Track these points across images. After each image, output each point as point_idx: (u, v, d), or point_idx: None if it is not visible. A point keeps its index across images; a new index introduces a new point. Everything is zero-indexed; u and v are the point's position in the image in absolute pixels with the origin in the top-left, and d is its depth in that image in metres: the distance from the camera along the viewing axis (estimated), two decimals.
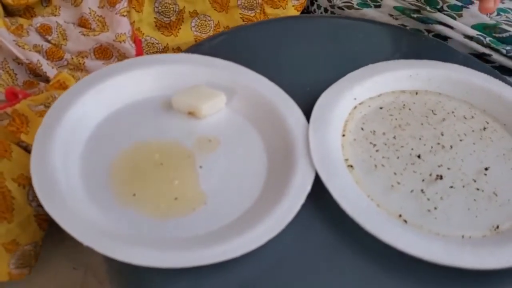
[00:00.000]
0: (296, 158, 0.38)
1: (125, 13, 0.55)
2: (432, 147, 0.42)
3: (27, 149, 0.46)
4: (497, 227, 0.37)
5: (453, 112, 0.46)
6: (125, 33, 0.55)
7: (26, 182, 0.47)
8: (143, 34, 0.59)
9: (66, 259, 0.58)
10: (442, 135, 0.43)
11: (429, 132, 0.44)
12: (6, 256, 0.45)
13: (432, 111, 0.46)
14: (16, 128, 0.46)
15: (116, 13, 0.55)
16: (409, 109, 0.46)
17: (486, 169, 0.41)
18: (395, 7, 0.62)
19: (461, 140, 0.43)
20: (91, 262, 0.58)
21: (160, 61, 0.45)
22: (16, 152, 0.45)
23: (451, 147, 0.42)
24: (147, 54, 0.59)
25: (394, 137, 0.43)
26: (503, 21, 0.60)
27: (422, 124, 0.44)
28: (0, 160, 0.44)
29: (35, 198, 0.47)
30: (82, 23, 0.56)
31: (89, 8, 0.56)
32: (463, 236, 0.36)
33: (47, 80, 0.53)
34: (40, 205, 0.48)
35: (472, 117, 0.45)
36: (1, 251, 0.45)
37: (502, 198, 0.39)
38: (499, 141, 0.43)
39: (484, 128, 0.44)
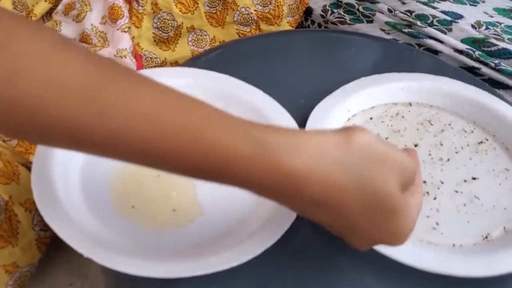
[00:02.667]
0: None
1: (126, 29, 0.56)
2: (431, 157, 0.43)
3: None
4: (487, 235, 0.38)
5: (449, 124, 0.47)
6: (126, 48, 0.56)
7: (32, 207, 0.47)
8: (142, 49, 0.61)
9: (63, 271, 0.58)
10: (442, 144, 0.44)
11: (429, 139, 0.45)
12: (5, 278, 0.45)
13: (429, 121, 0.47)
14: (25, 149, 0.46)
15: (117, 29, 0.56)
16: (405, 118, 0.47)
17: (473, 178, 0.42)
18: (386, 22, 0.64)
19: (457, 153, 0.44)
20: (88, 274, 0.58)
21: (157, 75, 0.45)
22: (24, 176, 0.46)
23: (448, 160, 0.43)
24: (146, 68, 0.60)
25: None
26: (491, 35, 0.61)
27: (418, 129, 0.46)
28: (9, 183, 0.45)
29: (39, 222, 0.48)
30: (84, 39, 0.57)
31: (91, 24, 0.57)
32: (454, 245, 0.36)
33: None
34: (42, 230, 0.49)
35: (472, 131, 0.46)
36: (1, 273, 0.45)
37: (488, 206, 0.40)
38: (494, 158, 0.44)
39: (480, 142, 0.45)
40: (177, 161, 0.24)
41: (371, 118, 0.46)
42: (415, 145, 0.44)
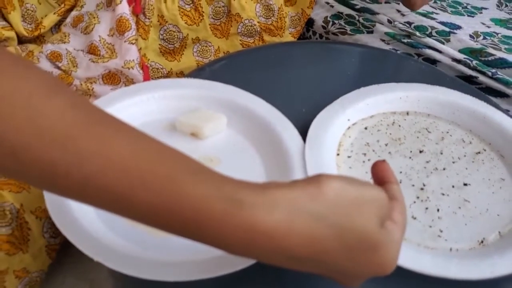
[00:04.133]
0: (293, 177, 0.40)
1: (133, 41, 0.58)
2: (428, 165, 0.44)
3: None
4: (483, 240, 0.39)
5: (448, 132, 0.48)
6: (133, 60, 0.58)
7: (42, 215, 0.48)
8: (149, 59, 0.62)
9: (71, 276, 0.59)
10: (441, 153, 0.46)
11: (431, 146, 0.46)
12: (15, 283, 0.47)
13: (426, 129, 0.48)
14: None
15: (125, 41, 0.58)
16: (401, 127, 0.48)
17: (465, 184, 0.43)
18: (386, 33, 0.66)
19: (454, 162, 0.45)
20: (95, 279, 0.59)
21: (164, 86, 0.47)
22: None
23: (444, 169, 0.44)
24: (152, 78, 0.62)
25: (390, 153, 0.45)
26: (489, 45, 0.63)
27: (418, 137, 0.47)
28: (20, 192, 0.46)
29: (49, 229, 0.49)
30: (92, 50, 0.59)
31: (99, 36, 0.59)
32: (450, 249, 0.38)
33: None
34: (52, 237, 0.50)
35: (470, 142, 0.47)
36: (11, 278, 0.46)
37: (481, 209, 0.41)
38: (491, 168, 0.45)
39: (478, 153, 0.46)
40: (148, 213, 0.24)
41: (365, 128, 0.48)
42: (420, 152, 0.46)
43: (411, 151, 0.46)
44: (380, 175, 0.30)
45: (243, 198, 0.24)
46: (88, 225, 0.35)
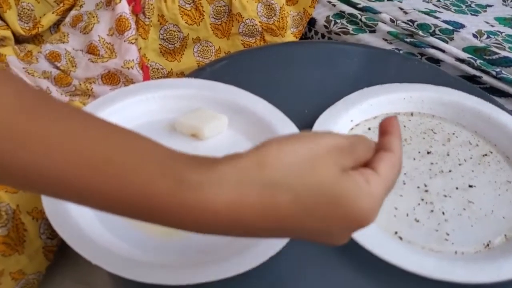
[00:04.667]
0: None
1: (133, 41, 0.58)
2: (433, 167, 0.44)
3: None
4: (489, 243, 0.38)
5: (454, 133, 0.48)
6: (133, 60, 0.57)
7: (39, 216, 0.48)
8: (148, 60, 0.62)
9: (69, 279, 0.59)
10: (448, 155, 0.45)
11: (438, 147, 0.46)
12: (12, 284, 0.46)
13: (432, 130, 0.48)
14: None
15: (124, 41, 0.57)
16: (407, 127, 0.48)
17: (470, 186, 0.42)
18: (389, 32, 0.65)
19: (460, 164, 0.44)
20: (93, 282, 0.59)
21: (164, 86, 0.47)
22: None
23: (450, 171, 0.44)
24: (152, 79, 0.61)
25: None
26: (493, 44, 0.62)
27: (424, 138, 0.46)
28: (16, 192, 0.46)
29: (45, 231, 0.49)
30: (91, 50, 0.59)
31: (99, 35, 0.58)
32: (456, 252, 0.37)
33: None
34: (49, 238, 0.50)
35: (477, 144, 0.47)
36: (7, 280, 0.46)
37: (487, 211, 0.40)
38: (497, 170, 0.44)
39: (485, 155, 0.46)
40: (91, 197, 0.23)
41: (369, 129, 0.47)
42: (428, 153, 0.45)
43: (418, 152, 0.45)
44: (385, 127, 0.29)
45: (189, 177, 0.23)
46: (86, 226, 0.35)
